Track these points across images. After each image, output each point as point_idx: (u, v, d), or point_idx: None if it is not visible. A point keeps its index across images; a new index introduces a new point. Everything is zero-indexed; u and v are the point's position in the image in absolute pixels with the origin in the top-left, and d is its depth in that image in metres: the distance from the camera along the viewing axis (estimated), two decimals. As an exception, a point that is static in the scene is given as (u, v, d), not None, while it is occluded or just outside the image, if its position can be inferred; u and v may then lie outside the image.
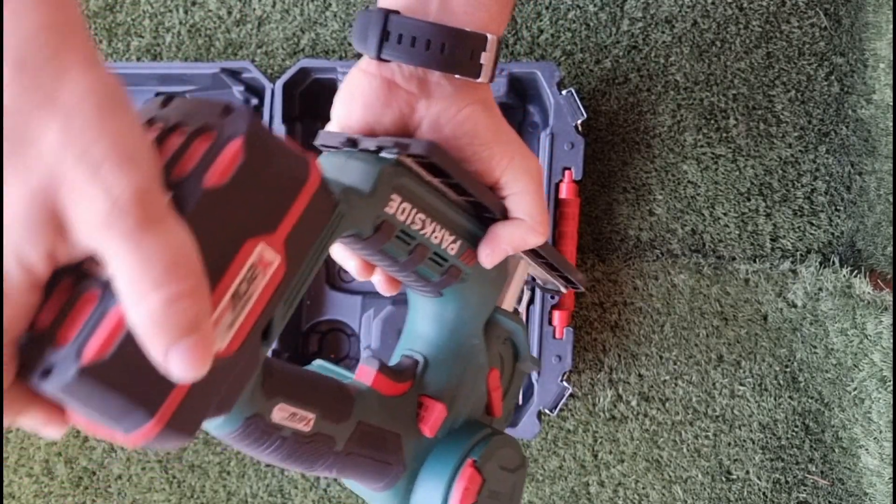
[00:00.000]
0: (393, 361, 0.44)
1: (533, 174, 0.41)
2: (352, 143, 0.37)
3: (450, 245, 0.41)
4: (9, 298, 0.23)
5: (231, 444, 0.35)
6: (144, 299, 0.23)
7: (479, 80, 0.39)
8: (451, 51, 0.37)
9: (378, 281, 0.43)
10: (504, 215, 0.41)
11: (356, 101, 0.39)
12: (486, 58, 0.38)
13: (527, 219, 0.41)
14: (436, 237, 0.40)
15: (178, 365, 0.23)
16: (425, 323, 0.44)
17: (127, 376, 0.25)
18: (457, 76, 0.38)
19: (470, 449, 0.41)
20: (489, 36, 0.38)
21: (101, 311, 0.24)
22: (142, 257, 0.22)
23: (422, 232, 0.39)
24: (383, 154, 0.37)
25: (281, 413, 0.35)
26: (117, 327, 0.24)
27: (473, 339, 0.43)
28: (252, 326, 0.30)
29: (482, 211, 0.42)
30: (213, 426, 0.34)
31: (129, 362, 0.24)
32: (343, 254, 0.41)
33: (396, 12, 0.38)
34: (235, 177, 0.27)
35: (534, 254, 0.46)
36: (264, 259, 0.29)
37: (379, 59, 0.38)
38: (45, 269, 0.23)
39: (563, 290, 0.52)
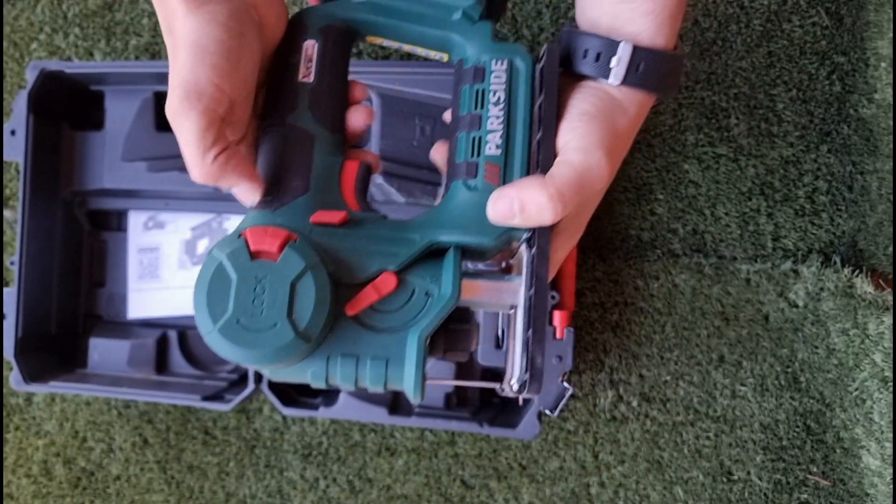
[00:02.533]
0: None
1: (591, 164, 0.39)
2: None
3: (493, 144, 0.41)
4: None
5: None
6: None
7: (608, 81, 0.42)
8: (580, 54, 0.43)
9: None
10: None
11: None
12: (615, 61, 0.42)
13: (546, 177, 0.39)
14: (492, 124, 0.41)
15: None
16: None
17: None
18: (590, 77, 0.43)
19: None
20: (621, 42, 0.41)
21: None
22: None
23: (490, 110, 0.42)
24: None
25: (309, 46, 0.42)
26: None
27: (414, 233, 0.40)
28: None
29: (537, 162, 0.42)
30: None
31: None
32: None
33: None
34: None
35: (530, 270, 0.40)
36: None
37: None
38: None
39: (512, 385, 0.40)
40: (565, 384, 0.70)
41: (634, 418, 0.78)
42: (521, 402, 0.73)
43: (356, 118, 0.43)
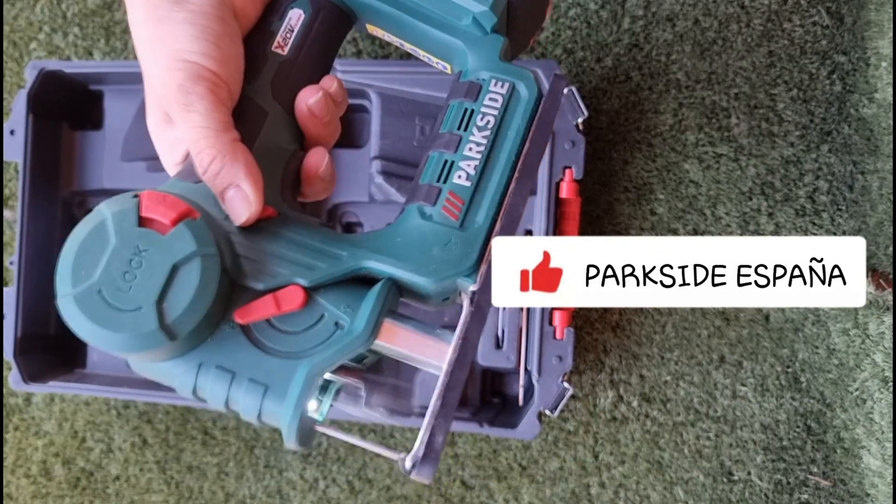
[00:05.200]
0: None
1: None
2: None
3: (464, 172, 0.36)
4: None
5: None
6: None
7: None
8: None
9: None
10: None
11: None
12: None
13: None
14: (470, 150, 0.36)
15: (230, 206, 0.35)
16: None
17: None
18: None
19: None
20: None
21: None
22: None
23: (473, 134, 0.37)
24: None
25: (294, 16, 0.38)
26: None
27: (344, 250, 0.34)
28: None
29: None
30: None
31: None
32: None
33: None
34: None
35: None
36: None
37: None
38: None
39: (405, 461, 0.32)
40: (565, 384, 0.70)
41: (635, 419, 0.77)
42: (521, 402, 0.73)
43: (307, 95, 0.37)
